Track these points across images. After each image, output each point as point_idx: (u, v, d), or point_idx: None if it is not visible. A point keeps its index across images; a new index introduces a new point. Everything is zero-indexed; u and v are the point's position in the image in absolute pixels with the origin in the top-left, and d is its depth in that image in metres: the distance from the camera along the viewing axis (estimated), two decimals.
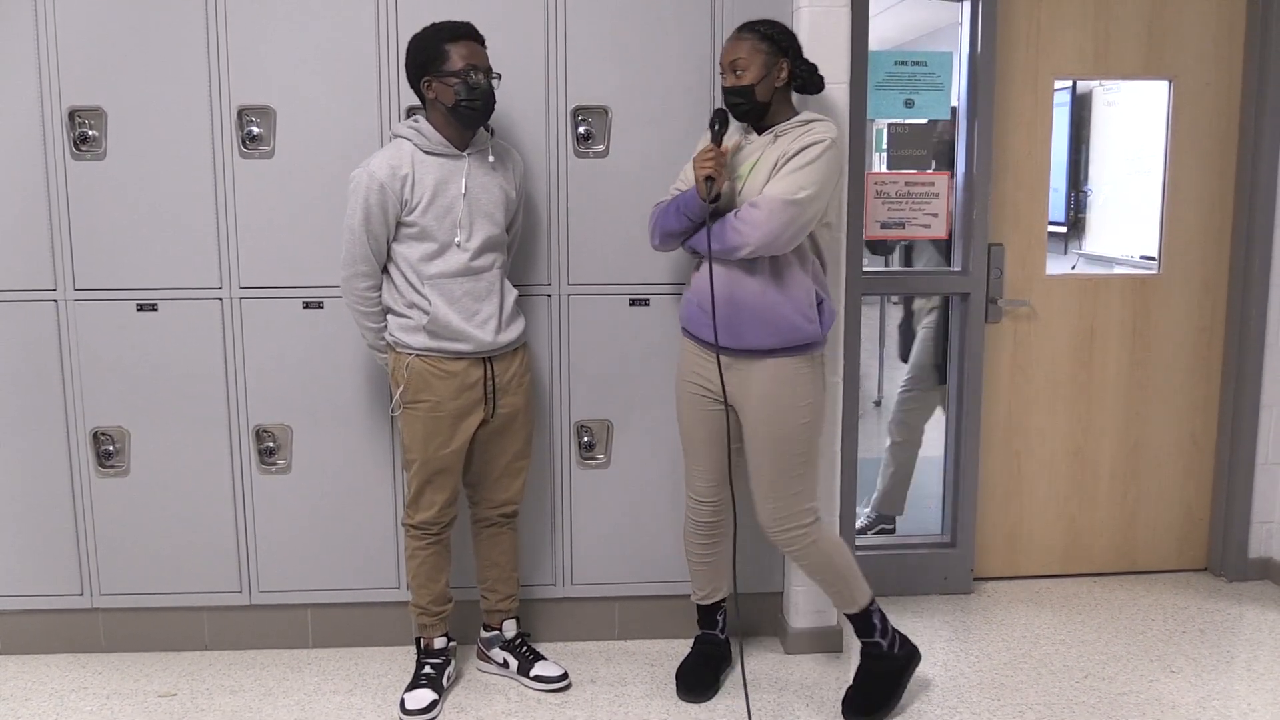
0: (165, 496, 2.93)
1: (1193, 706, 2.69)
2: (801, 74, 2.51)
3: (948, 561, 3.40)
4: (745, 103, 2.47)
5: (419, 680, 2.71)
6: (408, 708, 2.63)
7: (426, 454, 2.60)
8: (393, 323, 2.60)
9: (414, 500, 2.67)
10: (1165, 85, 3.38)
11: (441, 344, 2.55)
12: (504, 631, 2.83)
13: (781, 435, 2.51)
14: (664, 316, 2.92)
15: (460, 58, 2.46)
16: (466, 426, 2.61)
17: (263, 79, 2.78)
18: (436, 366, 2.56)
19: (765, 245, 2.39)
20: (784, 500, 2.54)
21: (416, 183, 2.49)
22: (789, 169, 2.40)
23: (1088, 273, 4.33)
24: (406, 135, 2.54)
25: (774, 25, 2.49)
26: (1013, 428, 3.46)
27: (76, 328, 2.85)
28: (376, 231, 2.51)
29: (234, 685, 2.83)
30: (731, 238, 2.41)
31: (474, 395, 2.60)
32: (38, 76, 2.75)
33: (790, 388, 2.50)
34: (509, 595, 2.84)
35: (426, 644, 2.76)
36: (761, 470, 2.55)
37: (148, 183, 2.80)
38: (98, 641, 3.00)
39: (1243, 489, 3.48)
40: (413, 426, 2.61)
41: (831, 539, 2.63)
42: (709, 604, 2.84)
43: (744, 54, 2.45)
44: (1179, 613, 3.28)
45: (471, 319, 2.55)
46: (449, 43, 2.47)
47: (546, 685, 2.75)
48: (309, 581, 2.99)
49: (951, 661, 2.96)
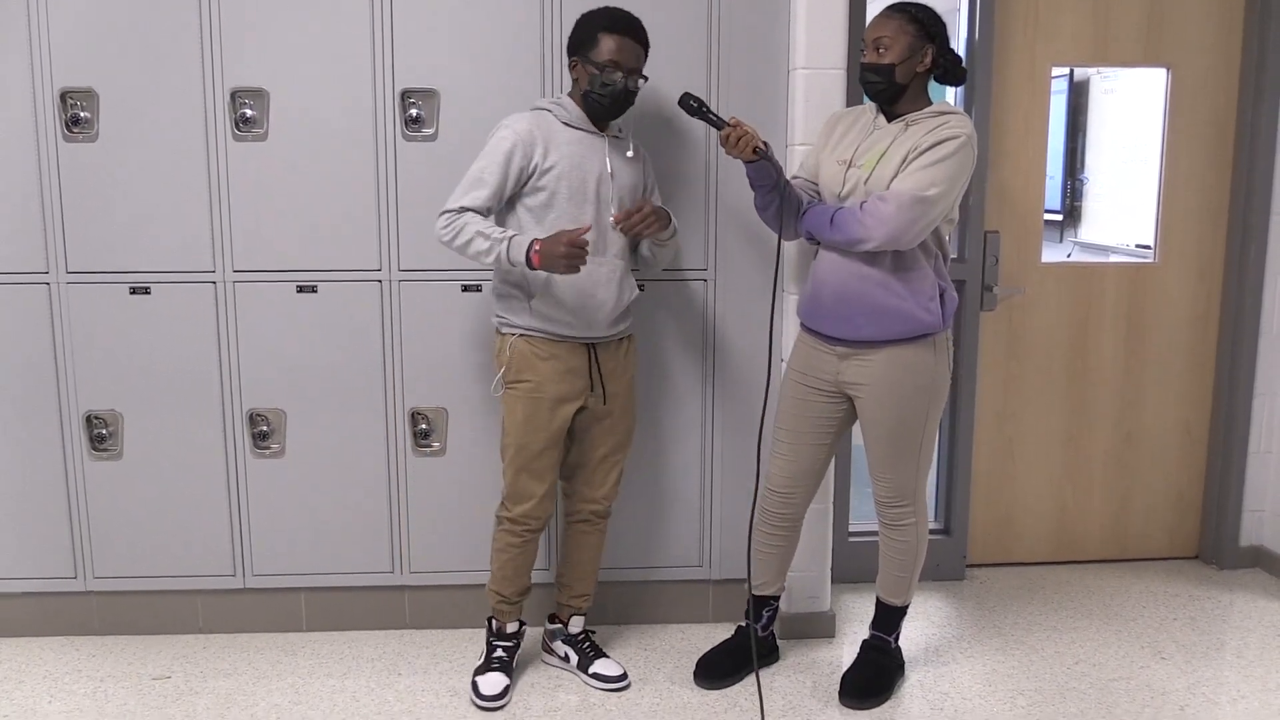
0: (159, 480, 2.93)
1: (1182, 693, 2.71)
2: (946, 63, 2.44)
3: (940, 548, 3.40)
4: (882, 81, 2.41)
5: (491, 664, 2.69)
6: (483, 693, 2.61)
7: (524, 438, 2.57)
8: (499, 303, 2.59)
9: (511, 490, 2.63)
10: (1163, 73, 3.37)
11: (546, 325, 2.53)
12: (570, 626, 2.81)
13: (899, 420, 2.50)
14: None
15: (608, 50, 2.44)
16: (565, 412, 2.57)
17: (256, 61, 2.76)
18: (540, 347, 2.54)
19: (890, 241, 2.34)
20: (901, 480, 2.55)
21: (550, 150, 2.47)
22: (921, 164, 2.33)
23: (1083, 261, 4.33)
24: (547, 107, 2.53)
25: (925, 9, 2.41)
26: (1006, 415, 3.46)
27: (69, 311, 2.84)
28: (493, 176, 2.45)
29: (228, 668, 2.83)
30: (855, 230, 2.36)
31: (577, 381, 2.57)
32: (29, 57, 2.72)
33: (910, 374, 2.48)
34: (583, 594, 2.81)
35: (499, 627, 2.73)
36: (879, 451, 2.55)
37: (140, 165, 2.78)
38: (91, 624, 3.00)
39: (1235, 477, 3.49)
40: (513, 407, 2.58)
41: (926, 526, 2.64)
42: (760, 595, 2.79)
43: (890, 32, 2.38)
44: (1170, 600, 3.30)
45: (588, 301, 2.52)
46: (604, 32, 2.45)
47: (605, 684, 2.73)
48: (303, 565, 2.99)
49: (943, 648, 2.97)
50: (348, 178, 2.82)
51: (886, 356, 2.47)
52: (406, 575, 3.02)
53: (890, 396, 2.49)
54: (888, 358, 2.47)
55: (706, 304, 2.95)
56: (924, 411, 2.51)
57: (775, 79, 2.85)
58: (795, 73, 2.79)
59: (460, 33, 2.78)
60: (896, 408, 2.50)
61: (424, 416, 2.94)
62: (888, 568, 2.67)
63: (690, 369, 2.98)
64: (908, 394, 2.49)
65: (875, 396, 2.50)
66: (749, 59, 2.84)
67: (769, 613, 2.82)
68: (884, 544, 2.67)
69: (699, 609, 3.11)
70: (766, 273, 2.91)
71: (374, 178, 2.82)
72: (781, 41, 2.84)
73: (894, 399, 2.49)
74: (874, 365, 2.48)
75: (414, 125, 2.80)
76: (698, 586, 3.10)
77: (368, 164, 2.81)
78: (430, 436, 2.95)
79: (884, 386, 2.49)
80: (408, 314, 2.88)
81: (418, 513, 2.98)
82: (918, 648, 2.94)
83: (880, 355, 2.48)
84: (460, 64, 2.79)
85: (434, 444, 2.95)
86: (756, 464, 2.72)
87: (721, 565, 3.08)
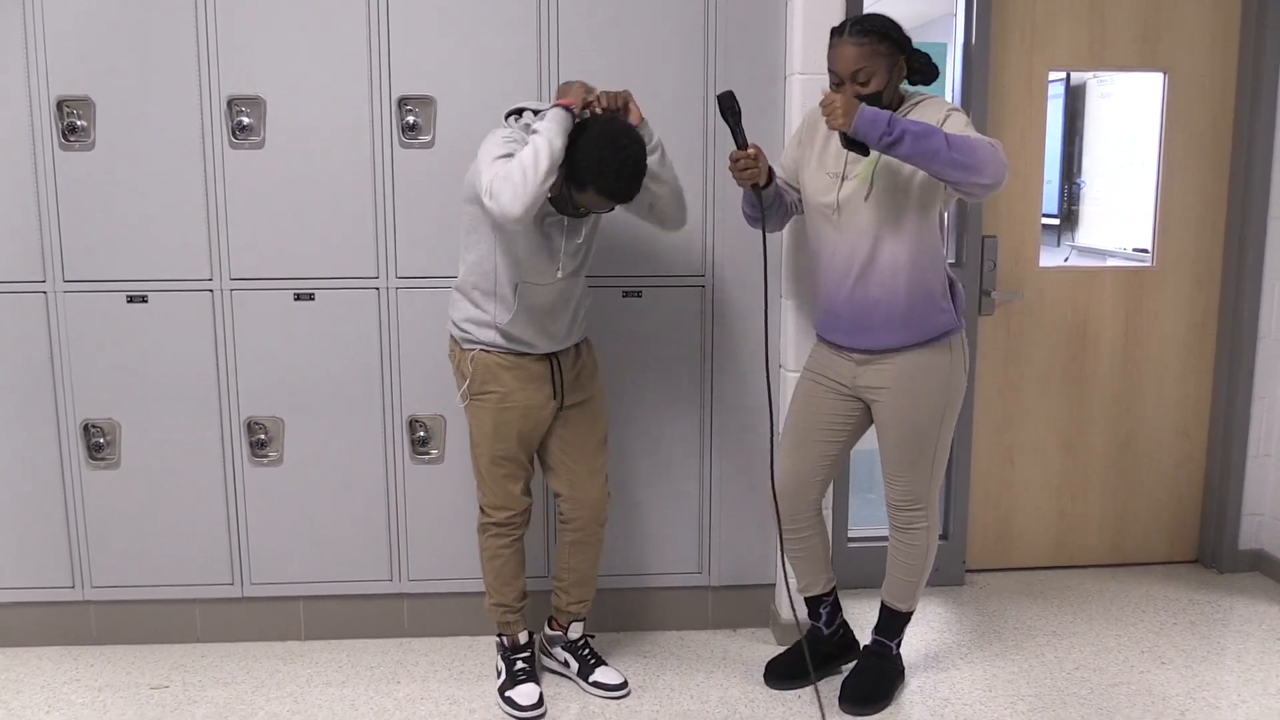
0: (156, 489, 2.92)
1: (1183, 697, 2.70)
2: (919, 65, 2.39)
3: (940, 553, 3.39)
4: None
5: (516, 677, 2.68)
6: (521, 704, 2.60)
7: (494, 446, 2.58)
8: (462, 320, 2.55)
9: (489, 498, 2.64)
10: (1160, 78, 3.37)
11: (510, 345, 2.53)
12: (569, 633, 2.81)
13: (914, 423, 2.50)
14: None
15: (589, 200, 2.36)
16: (534, 417, 2.58)
17: (253, 68, 2.76)
18: (503, 359, 2.54)
19: (1002, 177, 2.21)
20: (915, 483, 2.55)
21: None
22: (955, 128, 2.26)
23: (1081, 265, 4.33)
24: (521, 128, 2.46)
25: (883, 20, 2.34)
26: (1005, 420, 3.46)
27: (66, 320, 2.83)
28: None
29: (226, 677, 2.82)
30: (986, 153, 2.19)
31: (543, 387, 2.57)
32: (25, 66, 2.72)
33: (928, 376, 2.48)
34: (581, 600, 2.79)
35: (512, 641, 2.73)
36: (895, 455, 2.55)
37: (137, 173, 2.78)
38: (89, 633, 3.00)
39: (1234, 481, 3.49)
40: (480, 418, 2.58)
41: (937, 531, 2.64)
42: (809, 596, 2.78)
43: (866, 62, 2.29)
44: (1169, 604, 3.29)
45: (549, 324, 2.54)
46: (595, 188, 2.32)
47: (605, 693, 2.72)
48: (301, 573, 2.99)
49: (943, 653, 2.97)
50: (345, 185, 2.82)
51: (904, 360, 2.47)
52: (405, 583, 3.01)
53: (907, 399, 2.49)
54: (905, 361, 2.47)
55: (703, 309, 2.95)
56: (940, 414, 2.51)
57: (771, 84, 2.86)
58: (791, 78, 2.80)
59: (457, 40, 2.78)
60: (913, 410, 2.49)
61: (422, 424, 2.93)
62: (896, 572, 2.66)
63: (687, 374, 2.98)
64: (925, 397, 2.49)
65: (893, 400, 2.50)
66: (745, 64, 2.84)
67: (826, 610, 2.79)
68: (894, 548, 2.66)
69: (698, 615, 3.10)
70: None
71: (371, 185, 2.82)
72: (777, 46, 2.84)
73: (911, 402, 2.49)
74: (892, 369, 2.48)
75: (411, 132, 2.80)
76: (696, 593, 3.09)
77: (364, 171, 2.81)
78: (428, 444, 2.95)
79: (901, 390, 2.49)
80: (405, 321, 2.88)
81: (416, 520, 2.98)
82: (917, 653, 2.93)
83: (898, 360, 2.47)
84: (457, 71, 2.79)
85: (432, 451, 2.95)
86: (771, 472, 2.70)
87: (720, 571, 3.07)
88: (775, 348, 2.92)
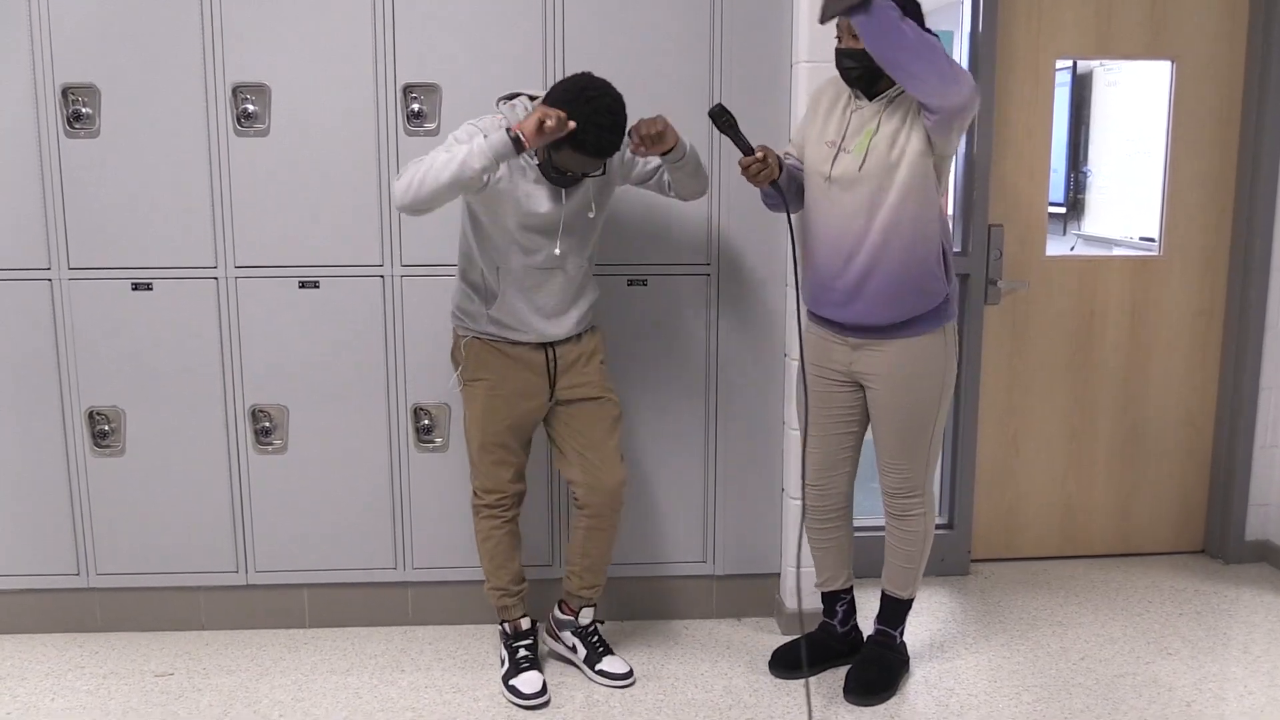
0: (161, 476, 2.92)
1: (1189, 688, 2.70)
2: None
3: (945, 543, 3.39)
4: (858, 67, 2.36)
5: (519, 665, 2.67)
6: (524, 692, 2.60)
7: (485, 430, 2.60)
8: (459, 305, 2.59)
9: (481, 481, 2.66)
10: (1168, 66, 3.35)
11: (502, 332, 2.55)
12: (579, 618, 2.80)
13: (910, 410, 2.50)
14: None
15: (563, 159, 2.36)
16: (526, 404, 2.59)
17: (258, 56, 2.75)
18: (497, 346, 2.55)
19: (972, 101, 2.27)
20: (912, 471, 2.55)
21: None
22: None
23: (1087, 254, 4.31)
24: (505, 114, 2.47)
25: None
26: (1010, 409, 3.45)
27: (71, 307, 2.83)
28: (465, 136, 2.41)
29: (230, 665, 2.83)
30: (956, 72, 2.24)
31: (535, 376, 2.58)
32: (30, 53, 2.72)
33: (922, 363, 2.48)
34: (593, 585, 2.78)
35: (514, 627, 2.73)
36: (891, 442, 2.55)
37: (142, 161, 2.78)
38: (94, 621, 3.00)
39: (1241, 471, 3.48)
40: (472, 403, 2.61)
41: (934, 518, 2.64)
42: (827, 591, 2.78)
43: None
44: (1176, 595, 3.29)
45: (538, 313, 2.55)
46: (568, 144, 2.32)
47: (611, 681, 2.72)
48: (305, 561, 2.99)
49: (948, 643, 2.96)
50: (350, 173, 2.81)
51: (898, 348, 2.47)
52: (409, 571, 3.01)
53: (903, 386, 2.49)
54: (899, 349, 2.47)
55: (709, 298, 2.94)
56: (935, 401, 2.51)
57: (777, 72, 2.84)
58: (798, 66, 2.78)
59: (462, 27, 2.77)
60: (909, 396, 2.49)
61: (426, 412, 2.93)
62: (894, 560, 2.66)
63: (693, 363, 2.97)
64: (920, 383, 2.49)
65: (888, 387, 2.50)
66: (751, 52, 2.83)
67: (843, 608, 2.79)
68: (891, 536, 2.66)
69: (703, 604, 3.10)
70: (769, 266, 2.90)
71: (376, 173, 2.81)
72: (784, 34, 2.83)
73: (906, 388, 2.49)
74: (886, 357, 2.48)
75: (416, 120, 2.80)
76: (701, 582, 3.09)
77: (370, 159, 2.81)
78: (432, 432, 2.94)
79: (897, 376, 2.48)
80: (410, 310, 2.88)
81: (420, 509, 2.98)
82: (922, 643, 2.93)
83: (892, 347, 2.47)
84: (462, 58, 2.78)
85: (436, 439, 2.95)
86: (803, 464, 2.68)
87: (725, 560, 3.07)
88: (791, 337, 2.91)
